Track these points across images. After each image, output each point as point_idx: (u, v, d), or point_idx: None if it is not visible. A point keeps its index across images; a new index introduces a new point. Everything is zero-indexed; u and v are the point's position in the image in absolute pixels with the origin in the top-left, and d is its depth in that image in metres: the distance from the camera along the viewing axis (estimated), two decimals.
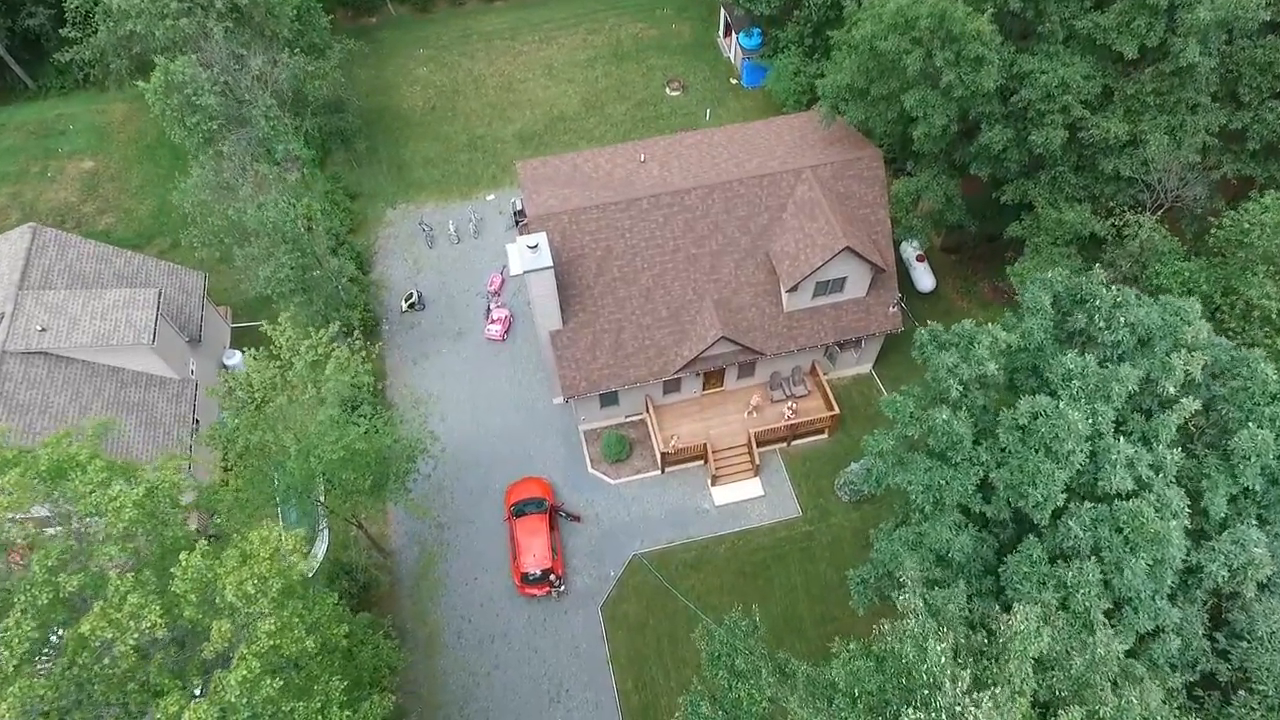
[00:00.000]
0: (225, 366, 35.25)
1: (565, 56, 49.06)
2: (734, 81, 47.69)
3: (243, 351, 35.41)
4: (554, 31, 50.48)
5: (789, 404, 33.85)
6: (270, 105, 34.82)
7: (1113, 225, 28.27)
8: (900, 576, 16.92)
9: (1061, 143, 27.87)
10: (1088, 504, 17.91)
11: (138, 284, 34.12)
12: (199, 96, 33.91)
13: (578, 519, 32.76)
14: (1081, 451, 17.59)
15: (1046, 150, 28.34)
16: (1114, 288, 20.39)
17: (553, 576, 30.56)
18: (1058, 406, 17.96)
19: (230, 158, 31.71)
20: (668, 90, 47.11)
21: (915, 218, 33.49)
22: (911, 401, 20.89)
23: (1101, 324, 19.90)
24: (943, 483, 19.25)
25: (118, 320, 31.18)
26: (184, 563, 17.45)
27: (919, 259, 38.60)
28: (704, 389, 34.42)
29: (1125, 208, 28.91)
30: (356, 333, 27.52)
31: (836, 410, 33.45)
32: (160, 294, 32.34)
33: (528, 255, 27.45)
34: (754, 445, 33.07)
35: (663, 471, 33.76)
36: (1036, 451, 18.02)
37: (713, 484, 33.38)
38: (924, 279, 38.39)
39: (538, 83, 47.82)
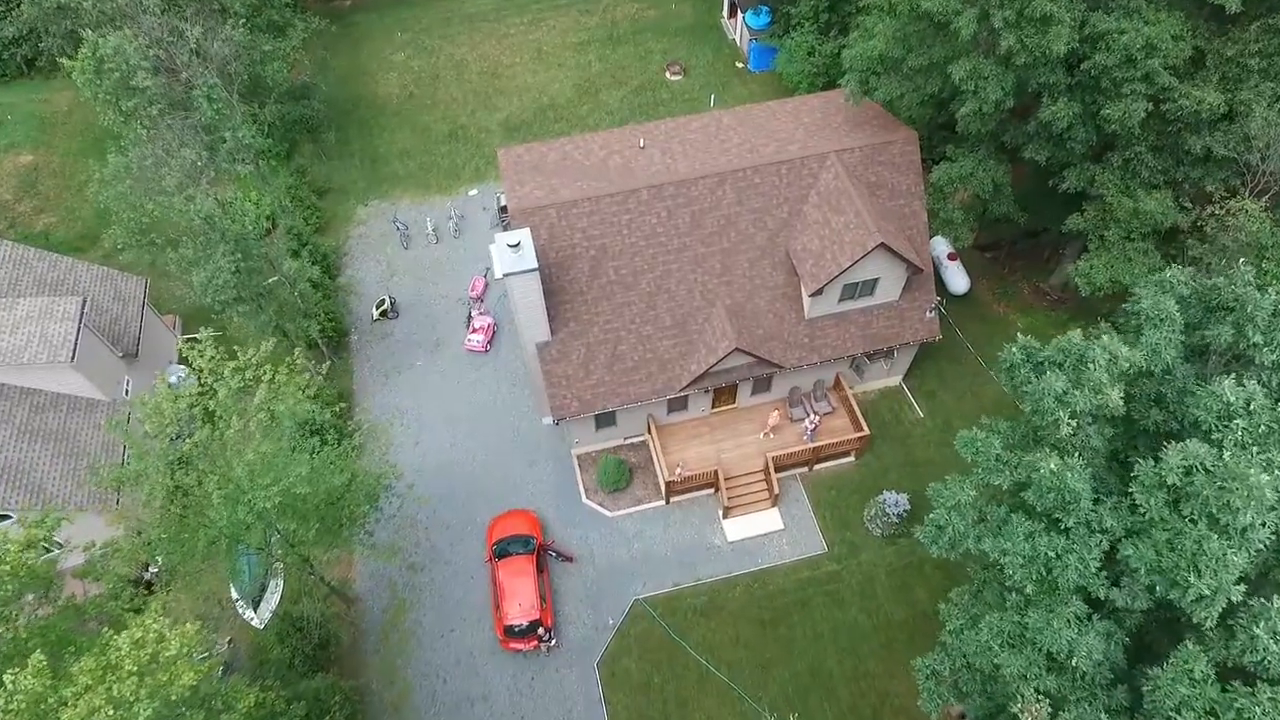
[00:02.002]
0: (170, 385, 29.58)
1: (556, 39, 43.39)
2: (740, 65, 42.01)
3: (190, 366, 30.35)
4: (543, 12, 44.75)
5: (809, 418, 28.37)
6: (214, 86, 29.06)
7: (1211, 214, 22.62)
8: (1017, 709, 11.43)
9: (1142, 117, 22.37)
10: (1278, 600, 12.32)
11: (63, 291, 28.61)
12: (133, 78, 28.35)
13: (570, 559, 27.25)
14: (1267, 526, 12.07)
15: (1122, 127, 22.75)
16: (1273, 290, 14.80)
17: (541, 629, 25.12)
18: (1222, 459, 12.46)
19: (153, 142, 26.03)
20: (668, 75, 41.50)
21: (956, 209, 27.93)
22: (998, 440, 15.29)
23: (1258, 339, 14.34)
24: (1052, 555, 13.74)
25: (30, 334, 25.71)
26: (9, 686, 11.89)
27: (950, 257, 33.09)
28: (714, 407, 28.96)
29: (1220, 194, 23.32)
30: (298, 351, 21.77)
31: (866, 431, 27.97)
32: (85, 303, 26.85)
33: (508, 256, 22.36)
34: (772, 471, 27.60)
35: (667, 502, 28.28)
36: (1195, 523, 12.50)
37: (725, 516, 27.91)
38: (957, 279, 32.86)
39: (526, 68, 42.15)
